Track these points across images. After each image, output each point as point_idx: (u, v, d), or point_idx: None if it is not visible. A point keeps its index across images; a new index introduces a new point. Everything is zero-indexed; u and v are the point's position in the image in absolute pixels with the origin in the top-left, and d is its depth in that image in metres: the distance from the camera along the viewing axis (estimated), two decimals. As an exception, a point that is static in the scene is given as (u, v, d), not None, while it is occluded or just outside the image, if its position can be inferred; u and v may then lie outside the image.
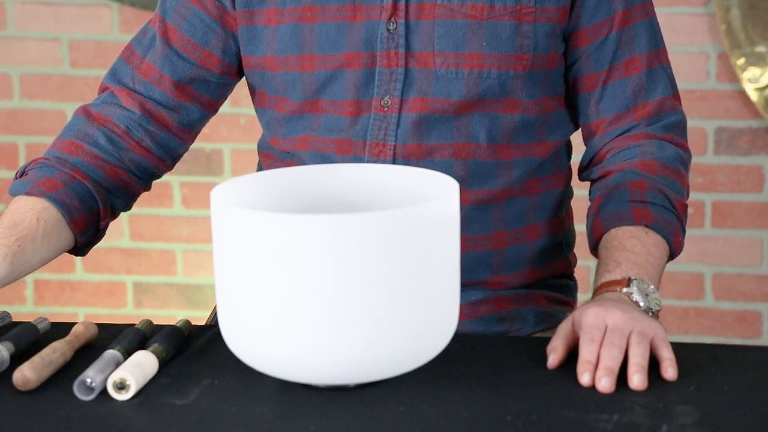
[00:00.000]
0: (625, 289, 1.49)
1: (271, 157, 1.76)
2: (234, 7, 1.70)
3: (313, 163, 1.68)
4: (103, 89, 1.77)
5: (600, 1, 1.66)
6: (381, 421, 1.30)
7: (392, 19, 1.64)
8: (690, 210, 3.08)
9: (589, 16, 1.66)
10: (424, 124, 1.64)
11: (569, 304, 1.78)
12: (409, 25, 1.64)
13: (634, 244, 1.56)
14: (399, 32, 1.63)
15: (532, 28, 1.63)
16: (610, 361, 1.37)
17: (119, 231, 3.27)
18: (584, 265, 3.10)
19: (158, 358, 1.42)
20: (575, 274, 1.83)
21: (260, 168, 1.82)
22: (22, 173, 1.69)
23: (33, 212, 1.62)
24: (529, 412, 1.31)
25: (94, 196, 1.68)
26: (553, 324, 1.72)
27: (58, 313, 3.29)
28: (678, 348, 1.43)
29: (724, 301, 3.11)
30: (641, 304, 1.48)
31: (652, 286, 1.51)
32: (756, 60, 2.97)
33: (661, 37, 1.71)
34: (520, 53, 1.63)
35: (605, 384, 1.35)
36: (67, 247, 1.68)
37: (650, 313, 1.48)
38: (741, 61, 2.97)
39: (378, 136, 1.65)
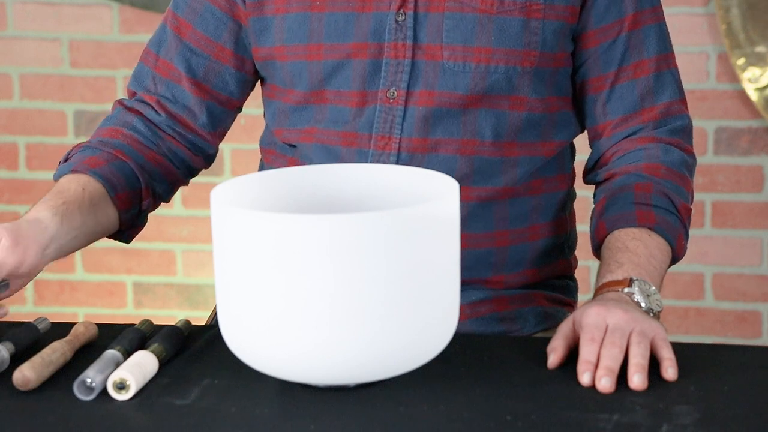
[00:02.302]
0: (626, 289, 1.49)
1: (273, 152, 1.76)
2: (244, 1, 1.70)
3: (317, 157, 1.69)
4: (131, 94, 1.80)
5: (611, 2, 1.66)
6: (381, 421, 1.30)
7: (401, 11, 1.64)
8: (690, 210, 3.08)
9: (598, 17, 1.66)
10: (430, 118, 1.64)
11: (570, 305, 1.78)
12: (418, 17, 1.64)
13: (636, 246, 1.56)
14: (407, 24, 1.64)
15: (540, 24, 1.63)
16: (611, 361, 1.37)
17: (119, 231, 3.27)
18: (585, 266, 3.10)
19: (158, 358, 1.42)
20: (576, 275, 1.83)
21: (262, 166, 1.82)
22: (66, 159, 1.72)
23: (78, 183, 1.65)
24: (529, 412, 1.31)
25: (136, 174, 1.71)
26: (554, 324, 1.72)
27: (58, 313, 3.29)
28: (678, 348, 1.43)
29: (724, 301, 3.11)
30: (642, 304, 1.48)
31: (654, 287, 1.51)
32: (756, 60, 2.97)
33: (670, 42, 1.72)
34: (527, 49, 1.63)
35: (605, 384, 1.35)
36: (112, 226, 1.70)
37: (651, 314, 1.48)
38: (741, 61, 2.97)
39: (384, 129, 1.65)
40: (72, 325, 1.52)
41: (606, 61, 1.68)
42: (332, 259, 1.27)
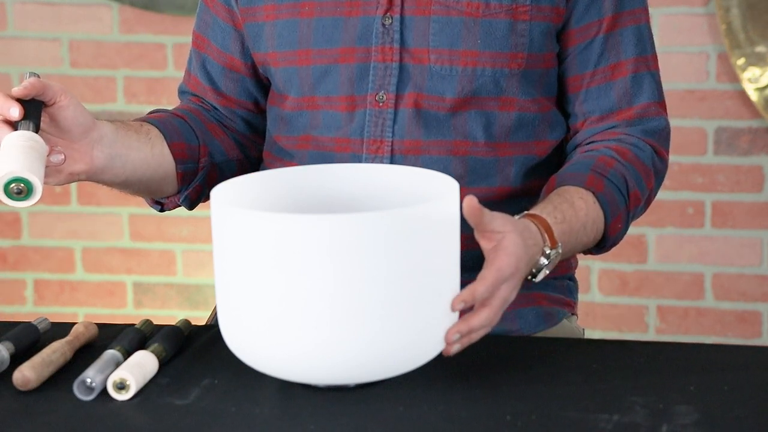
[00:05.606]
0: (549, 251, 1.47)
1: (270, 155, 1.77)
2: (237, 6, 1.72)
3: (312, 163, 1.69)
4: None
5: (591, 3, 1.66)
6: (381, 421, 1.31)
7: (387, 14, 1.64)
8: (689, 210, 3.08)
9: (578, 16, 1.66)
10: (420, 120, 1.65)
11: (570, 305, 1.78)
12: (405, 21, 1.64)
13: (580, 207, 1.56)
14: (394, 27, 1.64)
15: (527, 26, 1.63)
16: (476, 337, 1.37)
17: (119, 231, 3.27)
18: (585, 266, 3.11)
19: (158, 358, 1.43)
20: (576, 275, 1.83)
21: (262, 168, 1.82)
22: None
23: (136, 121, 1.67)
24: (529, 412, 1.31)
25: (193, 130, 1.73)
26: (554, 324, 1.73)
27: (58, 313, 3.29)
28: (678, 348, 1.43)
29: (724, 301, 3.11)
30: (533, 270, 1.47)
31: (548, 271, 1.49)
32: (756, 60, 2.97)
33: (652, 44, 1.71)
34: (514, 51, 1.64)
35: (455, 350, 1.35)
36: (169, 169, 1.70)
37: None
38: (741, 61, 2.97)
39: (375, 133, 1.65)
40: (72, 325, 1.52)
41: (582, 61, 1.68)
42: (332, 259, 1.27)
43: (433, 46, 1.63)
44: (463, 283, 1.40)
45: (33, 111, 1.46)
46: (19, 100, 1.46)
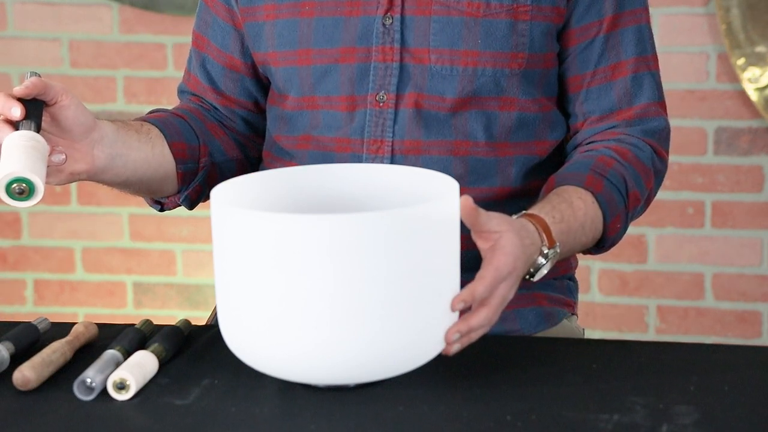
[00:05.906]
0: (547, 251, 1.47)
1: (269, 155, 1.77)
2: (237, 6, 1.72)
3: (312, 163, 1.69)
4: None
5: (592, 3, 1.66)
6: (381, 421, 1.31)
7: (388, 14, 1.64)
8: (689, 210, 3.08)
9: (579, 16, 1.66)
10: (421, 121, 1.65)
11: (570, 305, 1.78)
12: (405, 21, 1.64)
13: (578, 207, 1.56)
14: (394, 27, 1.64)
15: (528, 26, 1.64)
16: (476, 336, 1.37)
17: (119, 231, 3.27)
18: (585, 266, 3.11)
19: (158, 358, 1.43)
20: (576, 275, 1.83)
21: (262, 168, 1.82)
22: None
23: (136, 121, 1.67)
24: (529, 412, 1.31)
25: (193, 130, 1.73)
26: (554, 324, 1.73)
27: (58, 313, 3.29)
28: (678, 348, 1.43)
29: (724, 301, 3.11)
30: (531, 270, 1.47)
31: (546, 272, 1.49)
32: (756, 60, 2.97)
33: (652, 44, 1.72)
34: (515, 51, 1.64)
35: (455, 350, 1.35)
36: (170, 168, 1.70)
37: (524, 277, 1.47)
38: (741, 61, 2.97)
39: (375, 133, 1.65)
40: (72, 325, 1.52)
41: (583, 61, 1.68)
42: (332, 259, 1.27)
43: (433, 46, 1.63)
44: (463, 283, 1.41)
45: (34, 111, 1.46)
46: (21, 100, 1.46)
